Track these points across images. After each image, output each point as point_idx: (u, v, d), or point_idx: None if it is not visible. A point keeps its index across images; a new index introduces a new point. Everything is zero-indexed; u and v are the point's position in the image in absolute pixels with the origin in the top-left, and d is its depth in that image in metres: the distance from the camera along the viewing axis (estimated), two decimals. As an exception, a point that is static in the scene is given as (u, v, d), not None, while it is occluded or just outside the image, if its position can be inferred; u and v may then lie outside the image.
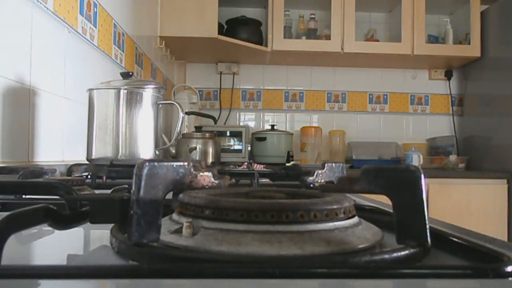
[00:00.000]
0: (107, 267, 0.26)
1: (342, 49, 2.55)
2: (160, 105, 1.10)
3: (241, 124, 2.88)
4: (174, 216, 0.35)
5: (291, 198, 0.38)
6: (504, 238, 2.24)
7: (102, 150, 1.05)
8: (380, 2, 2.75)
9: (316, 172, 0.55)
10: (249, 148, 2.48)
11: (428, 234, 0.30)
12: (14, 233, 0.27)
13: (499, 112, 2.44)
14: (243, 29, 2.55)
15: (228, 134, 2.41)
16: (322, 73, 2.92)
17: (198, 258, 0.28)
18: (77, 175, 0.97)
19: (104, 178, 0.98)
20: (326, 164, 0.56)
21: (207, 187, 0.33)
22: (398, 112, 2.95)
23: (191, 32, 2.26)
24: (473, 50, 2.60)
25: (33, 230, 0.41)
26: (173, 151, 1.20)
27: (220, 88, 2.86)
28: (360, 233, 0.33)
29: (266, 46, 2.56)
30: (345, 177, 0.34)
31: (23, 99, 0.95)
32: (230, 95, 2.87)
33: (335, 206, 0.33)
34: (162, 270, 0.25)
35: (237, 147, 2.40)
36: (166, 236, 0.31)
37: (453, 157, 2.53)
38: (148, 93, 1.07)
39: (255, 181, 0.88)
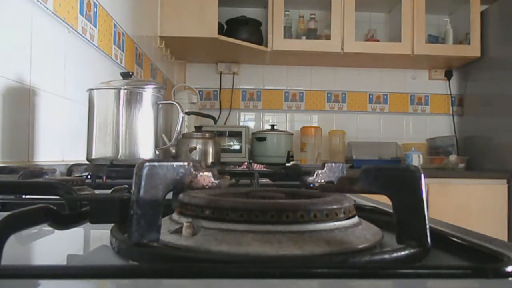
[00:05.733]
0: (107, 267, 0.26)
1: (342, 49, 2.55)
2: (160, 105, 1.10)
3: (241, 124, 2.88)
4: (174, 216, 0.35)
5: (291, 198, 0.38)
6: (504, 238, 2.24)
7: (102, 150, 1.05)
8: (380, 2, 2.75)
9: (316, 172, 0.55)
10: (249, 148, 2.48)
11: (428, 234, 0.30)
12: (14, 233, 0.27)
13: (499, 112, 2.44)
14: (243, 29, 2.55)
15: (228, 134, 2.41)
16: (322, 73, 2.92)
17: (198, 258, 0.28)
18: (77, 175, 0.97)
19: (104, 178, 0.98)
20: (326, 164, 0.56)
21: (207, 187, 0.33)
22: (398, 112, 2.95)
23: (191, 32, 2.26)
24: (473, 50, 2.60)
25: (33, 230, 0.41)
26: (173, 151, 1.20)
27: (220, 88, 2.86)
28: (360, 233, 0.33)
29: (266, 46, 2.55)
30: (345, 177, 0.34)
31: (23, 99, 0.95)
32: (230, 95, 2.87)
33: (335, 206, 0.33)
34: (162, 270, 0.25)
35: (237, 147, 2.40)
36: (166, 236, 0.31)
37: (453, 157, 2.53)
38: (148, 93, 1.07)
39: (255, 181, 0.88)
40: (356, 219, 0.35)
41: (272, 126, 2.56)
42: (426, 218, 0.30)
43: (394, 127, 2.95)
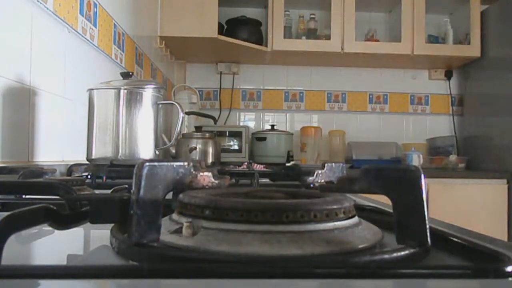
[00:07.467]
0: (107, 267, 0.26)
1: (342, 49, 2.55)
2: (160, 105, 1.10)
3: (241, 124, 2.88)
4: (174, 216, 0.35)
5: (291, 198, 0.38)
6: (504, 238, 2.24)
7: (102, 150, 1.05)
8: (380, 2, 2.75)
9: (316, 172, 0.55)
10: (249, 148, 2.48)
11: (428, 234, 0.30)
12: (14, 233, 0.27)
13: (499, 112, 2.43)
14: (243, 29, 2.55)
15: (228, 134, 2.41)
16: (322, 73, 2.92)
17: (198, 258, 0.28)
18: (77, 175, 0.97)
19: (104, 178, 0.98)
20: (326, 164, 0.56)
21: (207, 187, 0.33)
22: (398, 112, 2.95)
23: (191, 32, 2.26)
24: (473, 50, 2.60)
25: (33, 230, 0.41)
26: (173, 151, 1.20)
27: (220, 88, 2.86)
28: (360, 233, 0.33)
29: (266, 46, 2.55)
30: (345, 177, 0.34)
31: (23, 99, 0.95)
32: (230, 95, 2.87)
33: (335, 206, 0.33)
34: (162, 270, 0.25)
35: (237, 147, 2.40)
36: (166, 236, 0.31)
37: (453, 157, 2.53)
38: (148, 93, 1.07)
39: (255, 181, 0.88)
40: (356, 219, 0.35)
41: (272, 126, 2.56)
42: (426, 218, 0.30)
43: (394, 127, 2.95)
